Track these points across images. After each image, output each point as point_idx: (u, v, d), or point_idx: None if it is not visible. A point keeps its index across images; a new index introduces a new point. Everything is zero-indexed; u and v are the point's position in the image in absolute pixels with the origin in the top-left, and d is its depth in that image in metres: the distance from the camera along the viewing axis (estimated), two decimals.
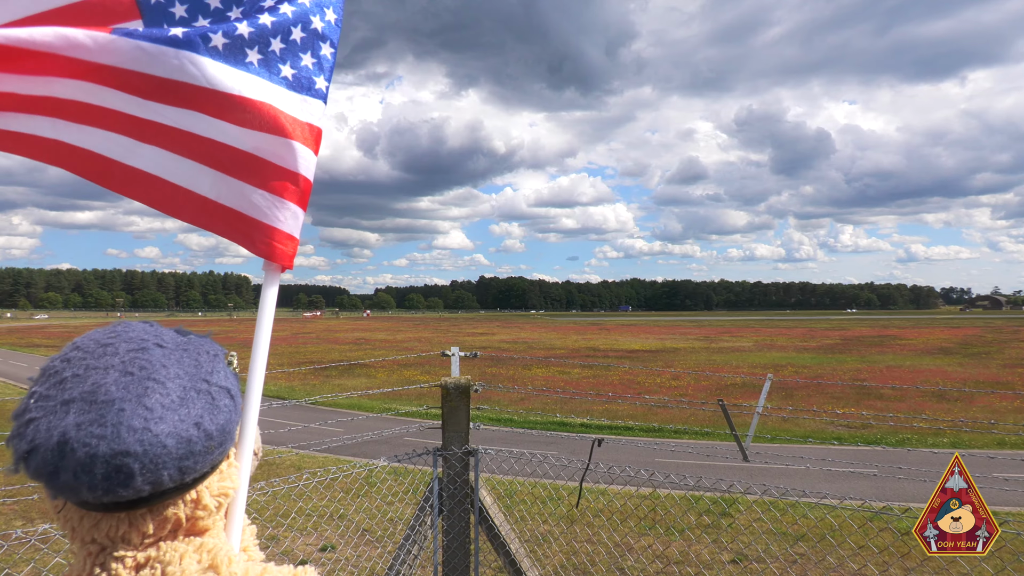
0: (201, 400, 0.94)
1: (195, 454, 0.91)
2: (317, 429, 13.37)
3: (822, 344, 49.61)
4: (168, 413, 0.90)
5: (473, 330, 76.71)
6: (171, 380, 0.93)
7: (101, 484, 0.86)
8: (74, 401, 0.88)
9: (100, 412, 0.87)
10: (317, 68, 1.39)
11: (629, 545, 7.59)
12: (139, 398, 0.89)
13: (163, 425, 0.88)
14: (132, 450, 0.85)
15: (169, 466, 0.89)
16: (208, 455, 0.94)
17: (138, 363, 0.93)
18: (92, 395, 0.88)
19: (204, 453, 0.93)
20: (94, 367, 0.92)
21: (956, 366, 31.26)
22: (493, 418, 17.18)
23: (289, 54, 1.34)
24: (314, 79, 1.38)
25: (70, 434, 0.85)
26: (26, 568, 5.85)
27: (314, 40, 1.38)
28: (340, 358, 35.42)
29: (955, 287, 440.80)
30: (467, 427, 4.22)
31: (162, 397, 0.90)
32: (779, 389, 22.23)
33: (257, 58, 1.30)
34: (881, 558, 6.81)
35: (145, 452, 0.86)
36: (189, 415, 0.92)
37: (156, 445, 0.87)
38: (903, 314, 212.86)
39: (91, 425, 0.86)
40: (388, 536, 7.64)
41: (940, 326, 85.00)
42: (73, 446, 0.85)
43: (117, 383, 0.90)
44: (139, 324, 1.03)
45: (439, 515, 4.21)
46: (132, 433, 0.86)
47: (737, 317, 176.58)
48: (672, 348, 46.23)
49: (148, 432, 0.87)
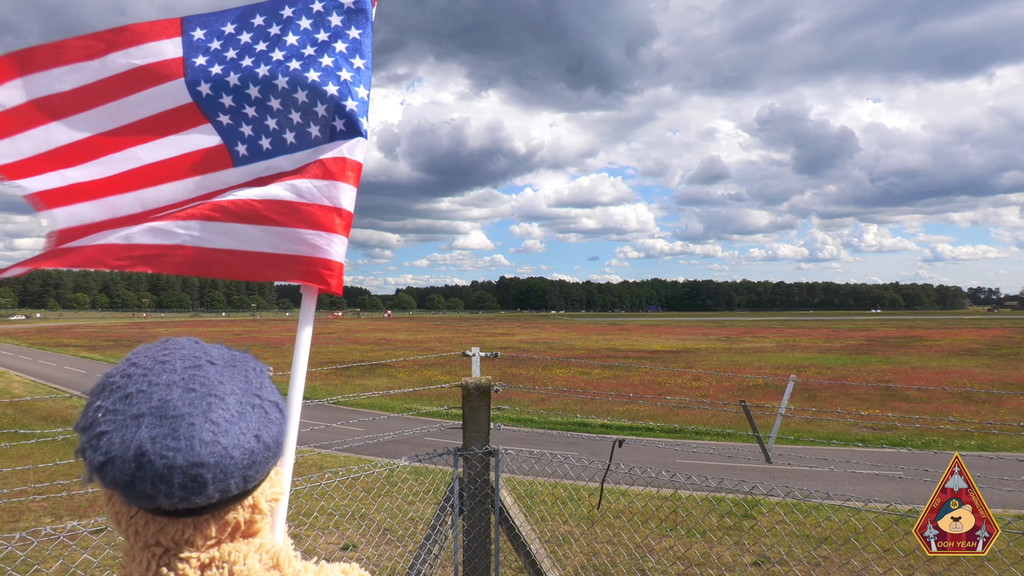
0: (256, 414, 1.02)
1: (256, 464, 0.99)
2: (339, 429, 13.47)
3: (846, 345, 48.99)
4: (231, 427, 0.97)
5: (493, 330, 76.79)
6: (229, 395, 1.00)
7: (178, 492, 0.92)
8: (144, 415, 0.94)
9: (172, 426, 0.93)
10: (360, 110, 1.63)
11: (650, 546, 7.56)
12: (205, 413, 0.96)
13: (229, 438, 0.96)
14: (205, 461, 0.92)
15: (236, 475, 0.96)
16: (267, 464, 1.02)
17: (197, 379, 0.99)
18: (161, 410, 0.95)
19: (264, 463, 1.01)
20: (156, 383, 0.98)
21: (984, 367, 30.71)
22: (513, 418, 17.19)
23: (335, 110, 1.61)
24: (359, 121, 1.63)
25: (146, 447, 0.91)
26: (55, 564, 5.96)
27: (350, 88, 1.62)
28: (361, 358, 35.63)
29: (983, 287, 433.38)
30: (488, 427, 4.22)
31: (224, 412, 0.97)
32: (802, 390, 21.99)
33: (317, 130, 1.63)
34: (907, 562, 6.71)
35: (217, 463, 0.93)
36: (249, 428, 0.99)
37: (225, 456, 0.94)
38: (929, 315, 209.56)
39: (166, 438, 0.92)
40: (409, 535, 7.67)
41: (967, 327, 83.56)
42: (151, 458, 0.91)
43: (182, 399, 0.96)
44: (186, 341, 1.10)
45: (460, 515, 4.22)
46: (204, 446, 0.93)
47: (759, 317, 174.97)
48: (693, 348, 45.91)
49: (217, 444, 0.94)
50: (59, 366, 32.66)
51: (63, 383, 25.20)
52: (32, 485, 9.78)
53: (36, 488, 9.61)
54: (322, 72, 1.60)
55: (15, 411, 17.67)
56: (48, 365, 33.21)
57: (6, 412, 17.40)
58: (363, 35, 1.68)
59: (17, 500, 9.16)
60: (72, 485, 9.08)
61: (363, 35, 1.68)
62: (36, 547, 3.03)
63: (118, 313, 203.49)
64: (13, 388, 23.79)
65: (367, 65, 1.67)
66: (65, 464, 10.42)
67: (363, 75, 1.66)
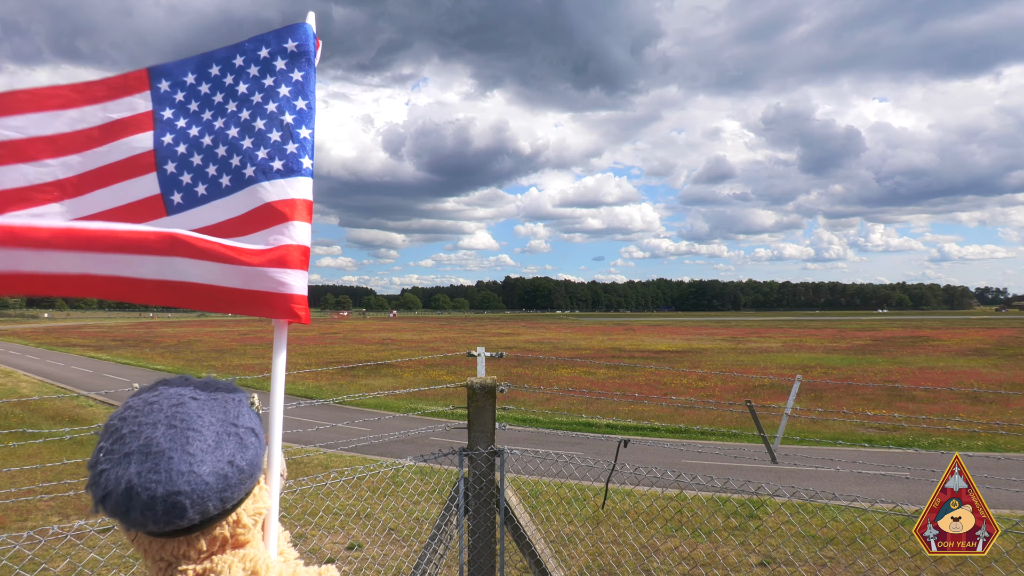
0: (232, 441, 1.17)
1: (231, 486, 1.15)
2: (344, 428, 13.49)
3: (852, 345, 48.82)
4: (207, 456, 1.12)
5: (499, 330, 76.77)
6: (207, 428, 1.16)
7: (162, 518, 1.09)
8: (133, 454, 1.11)
9: (155, 461, 1.10)
10: (301, 151, 1.71)
11: (655, 547, 7.55)
12: (183, 446, 1.12)
13: (204, 466, 1.11)
14: (182, 489, 1.09)
15: (212, 498, 1.12)
16: (242, 485, 1.18)
17: (179, 416, 1.16)
18: (147, 447, 1.11)
19: (238, 484, 1.16)
20: (145, 423, 1.14)
21: (991, 368, 30.55)
22: (519, 418, 17.18)
23: (276, 151, 1.69)
24: (300, 160, 1.71)
25: (134, 481, 1.08)
26: (62, 563, 5.99)
27: (291, 130, 1.72)
28: (367, 358, 35.68)
29: (990, 287, 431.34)
30: (493, 427, 4.22)
31: (201, 443, 1.13)
32: (808, 390, 21.92)
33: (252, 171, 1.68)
34: (913, 563, 6.69)
35: (193, 490, 1.09)
36: (223, 455, 1.14)
37: (200, 484, 1.10)
38: (936, 315, 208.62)
39: (149, 473, 1.09)
40: (414, 535, 7.68)
41: (975, 327, 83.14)
42: (138, 491, 1.08)
43: (165, 435, 1.12)
44: (176, 379, 1.27)
45: (465, 515, 4.22)
46: (181, 476, 1.09)
47: (765, 317, 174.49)
48: (699, 349, 45.82)
49: (193, 474, 1.10)
50: (66, 366, 32.79)
51: (70, 383, 25.30)
52: (40, 484, 9.83)
53: (44, 487, 9.65)
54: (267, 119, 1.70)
55: (23, 410, 17.75)
56: (56, 365, 33.34)
57: (14, 411, 17.48)
58: (306, 77, 1.77)
59: (25, 499, 9.20)
60: (79, 484, 9.11)
61: (306, 77, 1.77)
62: (44, 546, 3.05)
63: (125, 313, 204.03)
64: (21, 387, 23.90)
65: (310, 105, 1.77)
66: (72, 463, 10.47)
67: (306, 116, 1.75)
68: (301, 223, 1.67)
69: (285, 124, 1.71)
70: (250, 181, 1.67)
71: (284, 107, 1.73)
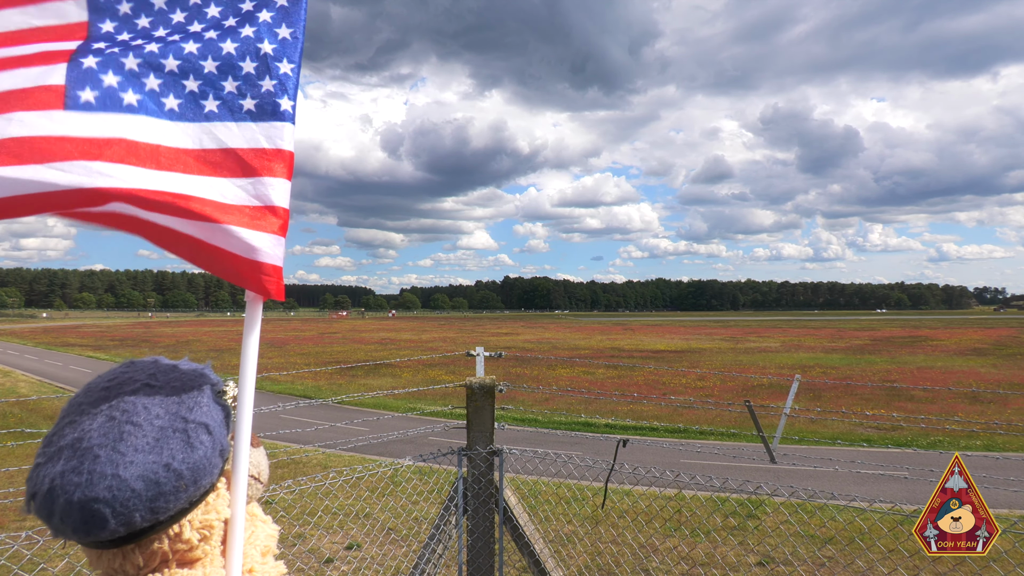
0: (176, 439, 1.00)
1: (165, 495, 0.97)
2: (343, 428, 13.50)
3: (851, 345, 48.87)
4: (139, 456, 0.95)
5: (498, 330, 76.79)
6: (149, 422, 0.99)
7: (81, 528, 0.94)
8: (65, 448, 0.96)
9: (80, 459, 0.94)
10: (280, 89, 1.36)
11: (654, 546, 7.55)
12: (114, 443, 0.95)
13: (132, 469, 0.94)
14: (102, 496, 0.92)
15: (140, 508, 0.95)
16: (180, 494, 0.99)
17: (122, 406, 0.99)
18: (78, 442, 0.96)
19: (174, 492, 0.98)
20: (87, 411, 0.99)
21: (990, 367, 30.59)
22: (518, 418, 17.19)
23: (247, 86, 1.33)
24: (278, 102, 1.35)
25: (56, 482, 0.93)
26: (60, 563, 5.98)
27: (269, 63, 1.35)
28: (366, 358, 35.68)
29: (989, 287, 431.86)
30: (492, 427, 4.22)
31: (136, 440, 0.96)
32: (807, 390, 21.94)
33: (214, 104, 1.29)
34: (912, 562, 6.70)
35: (114, 497, 0.93)
36: (161, 456, 0.97)
37: (124, 490, 0.93)
38: (935, 314, 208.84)
39: (71, 473, 0.93)
40: (413, 535, 7.68)
41: (973, 327, 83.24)
42: (57, 493, 0.93)
43: (100, 429, 0.96)
44: (143, 362, 1.10)
45: (464, 515, 4.22)
46: (102, 480, 0.93)
47: (764, 317, 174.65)
48: (698, 348, 45.85)
49: (117, 478, 0.93)
50: (65, 365, 32.78)
51: (69, 382, 25.29)
52: None
53: None
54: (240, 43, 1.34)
55: (21, 410, 17.74)
56: (54, 364, 33.33)
57: (12, 411, 17.47)
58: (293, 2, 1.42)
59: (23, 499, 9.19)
60: None
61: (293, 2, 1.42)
62: (42, 546, 3.05)
63: (124, 313, 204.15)
64: (19, 387, 23.89)
65: (295, 35, 1.40)
66: None
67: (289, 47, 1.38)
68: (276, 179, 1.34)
69: (262, 53, 1.35)
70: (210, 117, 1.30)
71: (263, 33, 1.37)
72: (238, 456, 1.21)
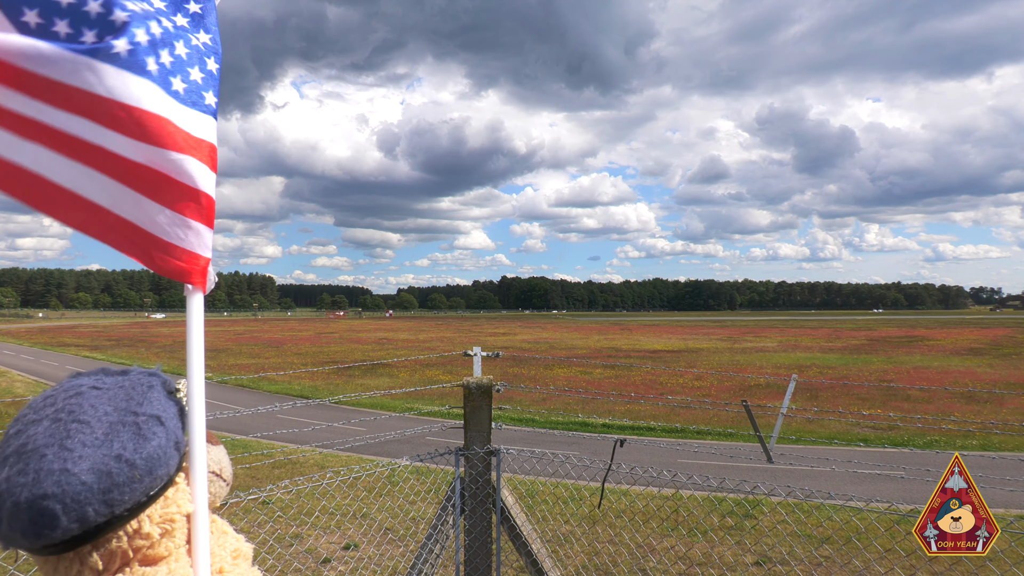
0: (127, 432, 0.96)
1: (119, 486, 0.93)
2: (340, 428, 13.49)
3: (848, 344, 48.95)
4: (89, 451, 0.92)
5: (495, 330, 76.78)
6: (97, 419, 0.96)
7: (31, 529, 0.89)
8: (10, 456, 0.93)
9: (26, 461, 0.91)
10: (206, 83, 1.29)
11: (651, 546, 7.56)
12: (62, 441, 0.92)
13: (83, 463, 0.91)
14: (50, 492, 0.88)
15: (93, 501, 0.91)
16: (135, 484, 0.95)
17: (68, 408, 0.97)
18: (23, 447, 0.93)
19: (129, 483, 0.94)
20: (31, 420, 0.97)
21: (986, 367, 30.67)
22: (515, 418, 17.19)
23: (178, 68, 1.23)
24: (203, 94, 1.28)
25: (2, 487, 0.89)
26: None
27: (199, 55, 1.28)
28: (363, 358, 35.65)
29: (985, 287, 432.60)
30: (489, 427, 4.22)
31: (85, 436, 0.93)
32: (804, 390, 21.97)
33: (155, 68, 1.17)
34: (908, 562, 6.71)
35: (64, 492, 0.89)
36: (111, 449, 0.94)
37: (75, 483, 0.89)
38: (931, 314, 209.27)
39: (18, 475, 0.90)
40: (410, 535, 7.67)
41: (969, 326, 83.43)
42: (3, 498, 0.89)
43: (46, 432, 0.94)
44: (90, 371, 1.07)
45: (461, 515, 4.22)
46: (50, 476, 0.89)
47: (761, 317, 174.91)
48: (695, 348, 45.89)
49: (65, 472, 0.90)
50: (61, 366, 32.71)
51: None
52: None
53: None
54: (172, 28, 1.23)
55: (17, 410, 17.72)
56: (50, 364, 33.26)
57: (8, 411, 17.43)
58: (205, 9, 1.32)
59: None
60: None
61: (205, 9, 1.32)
62: None
63: (120, 312, 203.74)
64: (16, 387, 23.84)
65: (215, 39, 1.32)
66: None
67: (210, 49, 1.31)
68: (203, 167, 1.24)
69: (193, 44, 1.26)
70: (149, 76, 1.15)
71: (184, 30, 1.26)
72: (193, 449, 1.16)
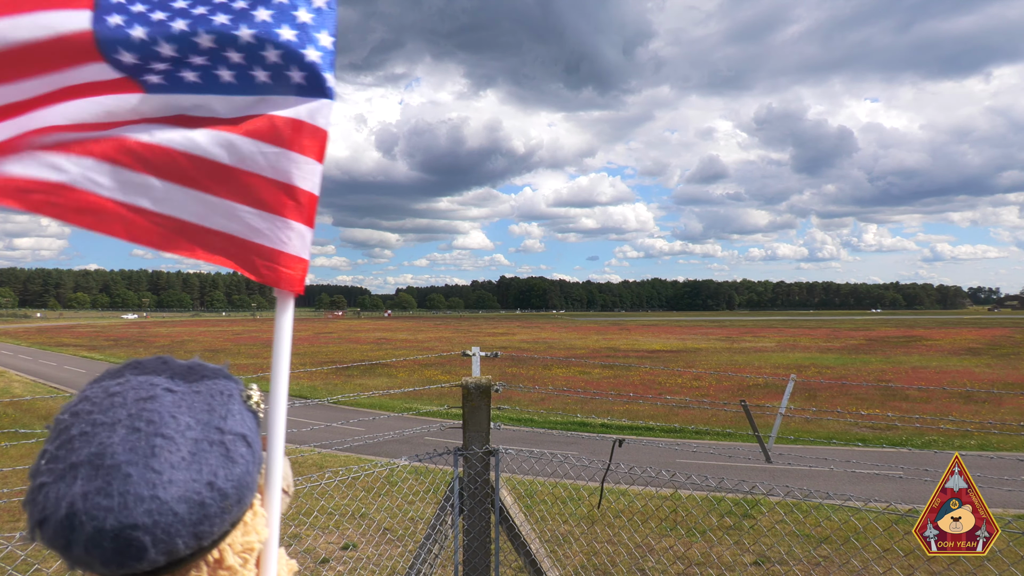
0: (215, 453, 0.87)
1: (210, 517, 0.85)
2: (339, 428, 13.47)
3: (846, 344, 49.00)
4: (178, 474, 0.82)
5: (494, 330, 76.78)
6: (180, 433, 0.86)
7: (113, 559, 0.80)
8: (81, 465, 0.81)
9: (106, 479, 0.80)
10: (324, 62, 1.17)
11: (650, 546, 7.56)
12: (146, 460, 0.82)
13: (173, 489, 0.81)
14: (140, 522, 0.79)
15: (183, 534, 0.82)
16: (225, 515, 0.87)
17: (145, 416, 0.85)
18: (99, 458, 0.82)
19: (220, 514, 0.86)
20: (101, 422, 0.85)
21: (984, 367, 30.71)
22: (514, 418, 17.19)
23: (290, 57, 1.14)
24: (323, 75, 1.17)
25: (77, 505, 0.79)
26: (55, 564, 5.95)
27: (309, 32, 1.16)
28: (361, 358, 35.64)
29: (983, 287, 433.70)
30: (488, 427, 4.22)
31: (171, 455, 0.83)
32: (802, 390, 21.99)
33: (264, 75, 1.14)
34: (907, 561, 6.71)
35: (155, 523, 0.80)
36: (201, 474, 0.84)
37: (167, 514, 0.81)
38: (929, 314, 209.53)
39: (97, 495, 0.79)
40: (409, 535, 7.67)
41: (968, 326, 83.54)
42: (81, 519, 0.79)
43: (124, 442, 0.83)
44: (151, 362, 0.96)
45: (460, 514, 4.22)
46: (140, 503, 0.80)
47: (759, 317, 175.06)
48: (693, 348, 45.92)
49: (157, 500, 0.80)
50: (59, 366, 32.68)
51: (63, 382, 25.22)
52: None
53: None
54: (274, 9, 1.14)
55: (15, 410, 17.68)
56: (48, 365, 33.22)
57: (6, 411, 17.41)
58: None
59: (17, 500, 9.15)
60: None
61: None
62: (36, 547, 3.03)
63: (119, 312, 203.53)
64: (13, 387, 23.81)
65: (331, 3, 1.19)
66: None
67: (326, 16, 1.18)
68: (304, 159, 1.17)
69: (300, 23, 1.14)
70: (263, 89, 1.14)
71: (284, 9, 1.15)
72: (271, 469, 1.10)
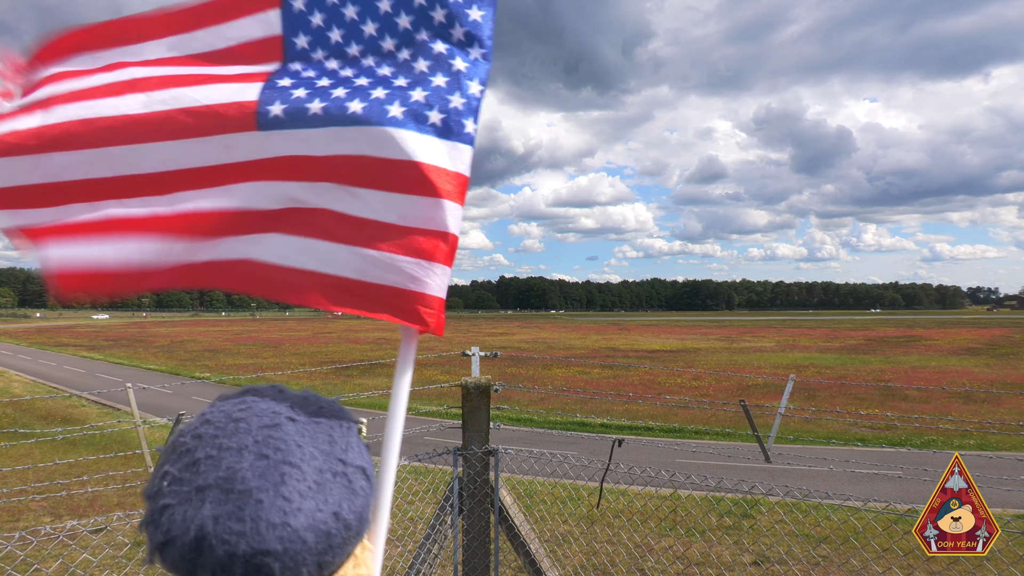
0: (338, 484, 0.87)
1: (334, 548, 0.85)
2: None
3: (845, 344, 49.01)
4: (306, 502, 0.83)
5: (493, 330, 76.76)
6: (306, 462, 0.86)
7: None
8: (210, 488, 0.81)
9: (238, 504, 0.80)
10: (467, 109, 1.25)
11: (649, 546, 7.56)
12: (276, 487, 0.82)
13: (301, 518, 0.82)
14: (272, 548, 0.80)
15: (308, 563, 0.82)
16: (347, 546, 0.88)
17: (272, 443, 0.85)
18: (228, 482, 0.82)
19: (343, 545, 0.87)
20: (227, 447, 0.85)
21: (983, 367, 30.72)
22: (513, 418, 17.19)
23: (436, 98, 1.23)
24: (464, 122, 1.24)
25: (208, 528, 0.79)
26: (55, 564, 5.96)
27: (460, 80, 1.26)
28: (361, 358, 35.61)
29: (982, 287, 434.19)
30: (487, 427, 4.22)
31: (299, 483, 0.83)
32: (801, 390, 21.99)
33: (400, 110, 1.21)
34: (906, 561, 6.71)
35: (285, 550, 0.80)
36: (327, 504, 0.85)
37: (296, 541, 0.81)
38: (928, 314, 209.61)
39: (229, 519, 0.80)
40: (408, 535, 7.67)
41: (967, 326, 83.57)
42: (212, 542, 0.79)
43: (253, 468, 0.83)
44: (268, 390, 0.97)
45: (459, 515, 4.22)
46: (272, 529, 0.80)
47: (759, 317, 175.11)
48: (693, 348, 45.92)
49: (287, 527, 0.81)
50: (59, 365, 32.65)
51: (63, 382, 25.20)
52: (31, 484, 9.78)
53: (35, 487, 9.61)
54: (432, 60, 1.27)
55: (15, 410, 17.66)
56: (48, 364, 33.20)
57: (6, 411, 17.39)
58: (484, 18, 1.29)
59: (17, 499, 9.15)
60: (72, 484, 9.07)
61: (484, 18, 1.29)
62: (36, 546, 3.03)
63: (117, 313, 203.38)
64: (13, 387, 23.78)
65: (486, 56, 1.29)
66: (64, 464, 10.42)
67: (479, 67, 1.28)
68: (453, 204, 1.24)
69: (454, 70, 1.25)
70: (394, 123, 1.20)
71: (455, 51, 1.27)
72: (381, 504, 1.12)
